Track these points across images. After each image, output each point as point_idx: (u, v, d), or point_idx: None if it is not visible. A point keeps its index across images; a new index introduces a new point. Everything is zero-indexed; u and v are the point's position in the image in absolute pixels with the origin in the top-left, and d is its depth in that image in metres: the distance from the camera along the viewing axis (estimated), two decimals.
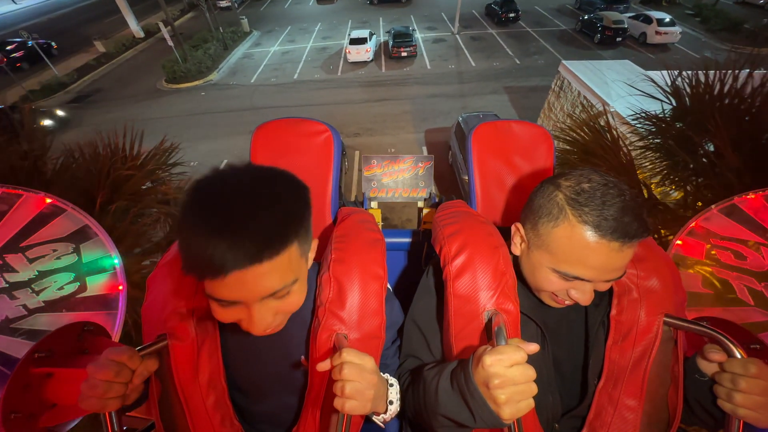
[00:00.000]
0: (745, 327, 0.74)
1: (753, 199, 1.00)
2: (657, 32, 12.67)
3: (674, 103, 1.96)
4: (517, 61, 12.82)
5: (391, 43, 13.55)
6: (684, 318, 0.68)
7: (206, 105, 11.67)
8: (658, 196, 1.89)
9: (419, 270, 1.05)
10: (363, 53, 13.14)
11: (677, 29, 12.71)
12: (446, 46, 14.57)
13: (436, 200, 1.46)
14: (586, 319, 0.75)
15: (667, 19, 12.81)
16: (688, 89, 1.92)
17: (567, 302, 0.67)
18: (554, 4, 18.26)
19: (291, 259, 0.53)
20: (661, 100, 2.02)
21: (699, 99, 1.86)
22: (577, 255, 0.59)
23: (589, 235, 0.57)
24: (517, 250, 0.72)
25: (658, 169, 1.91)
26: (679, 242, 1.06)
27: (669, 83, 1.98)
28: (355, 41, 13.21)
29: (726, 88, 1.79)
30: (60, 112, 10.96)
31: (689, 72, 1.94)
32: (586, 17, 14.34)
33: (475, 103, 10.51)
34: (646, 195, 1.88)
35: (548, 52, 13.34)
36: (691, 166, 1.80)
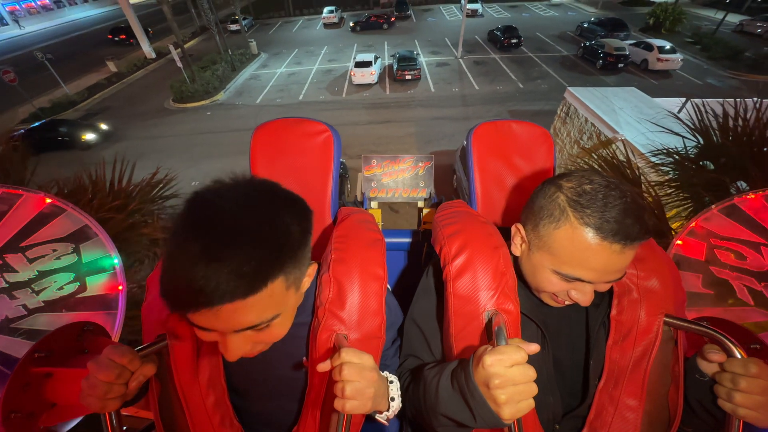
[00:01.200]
0: (745, 327, 0.74)
1: (753, 199, 1.00)
2: (659, 59, 12.89)
3: (701, 141, 1.81)
4: (521, 86, 13.05)
5: (395, 66, 13.90)
6: (684, 318, 0.69)
7: (211, 124, 11.84)
8: None
9: (419, 270, 1.06)
10: (368, 76, 13.46)
11: (678, 56, 12.95)
12: (450, 70, 14.90)
13: (436, 200, 1.46)
14: (587, 319, 0.75)
15: (668, 47, 13.08)
16: (714, 124, 1.77)
17: (567, 302, 0.68)
18: (555, 31, 18.81)
19: (273, 295, 0.50)
20: (684, 137, 1.88)
21: (732, 137, 1.70)
22: (578, 257, 0.60)
23: (591, 237, 0.57)
24: (517, 250, 0.73)
25: (678, 209, 1.75)
26: (679, 242, 1.05)
27: (693, 118, 1.83)
28: (360, 64, 13.54)
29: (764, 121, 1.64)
30: (104, 126, 11.17)
31: (710, 100, 1.79)
32: (587, 44, 14.71)
33: None
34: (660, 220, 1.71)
35: (551, 76, 13.58)
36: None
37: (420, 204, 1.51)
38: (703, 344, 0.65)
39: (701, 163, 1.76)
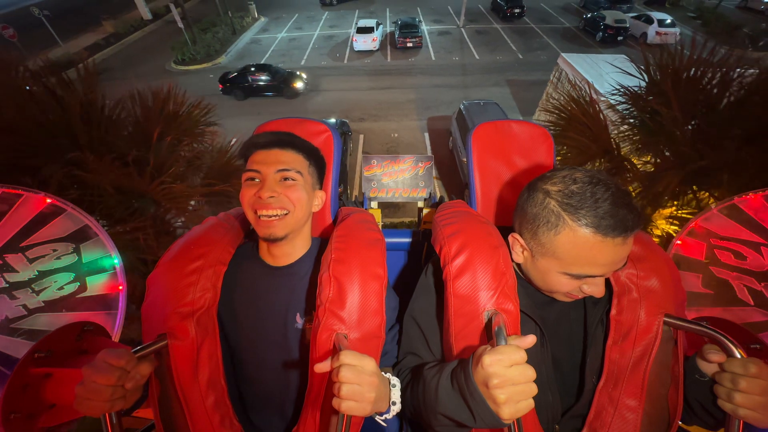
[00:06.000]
0: (745, 327, 0.74)
1: (753, 199, 0.99)
2: (657, 33, 12.80)
3: (646, 79, 2.15)
4: (520, 56, 12.85)
5: (397, 33, 13.56)
6: (684, 318, 0.68)
7: (214, 87, 11.87)
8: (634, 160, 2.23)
9: (419, 270, 1.04)
10: (369, 42, 13.18)
11: (676, 30, 12.75)
12: (451, 39, 14.54)
13: (436, 200, 1.47)
14: (585, 317, 0.75)
15: (668, 21, 12.79)
16: (654, 63, 2.09)
17: (580, 296, 0.67)
18: (560, 2, 18.04)
19: (297, 159, 0.79)
20: (635, 76, 2.32)
21: (663, 71, 2.19)
22: (584, 257, 0.60)
23: (592, 236, 0.58)
24: (519, 258, 0.72)
25: (630, 135, 2.17)
26: (679, 242, 1.05)
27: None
28: (362, 30, 13.24)
29: (686, 64, 1.95)
30: (304, 76, 11.16)
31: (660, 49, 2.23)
32: (589, 15, 14.28)
33: (478, 94, 10.57)
34: (615, 153, 2.25)
35: (551, 48, 13.34)
36: (651, 127, 2.15)
37: (420, 204, 1.52)
38: (703, 344, 0.64)
39: (648, 98, 2.27)
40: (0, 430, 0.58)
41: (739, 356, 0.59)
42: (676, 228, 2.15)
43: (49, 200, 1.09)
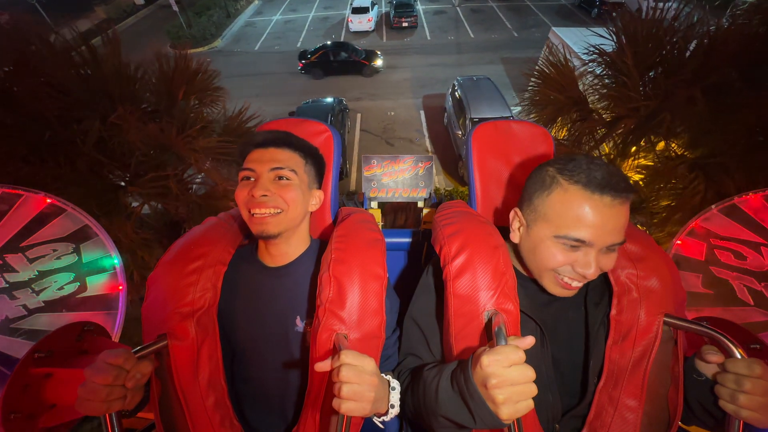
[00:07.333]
0: (745, 327, 0.73)
1: (753, 198, 0.98)
2: (651, 8, 12.98)
3: (615, 40, 2.31)
4: (515, 34, 12.65)
5: (392, 13, 13.31)
6: (684, 318, 0.67)
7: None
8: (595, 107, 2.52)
9: (419, 270, 1.03)
10: (365, 22, 13.01)
11: (672, 5, 12.98)
12: (446, 18, 14.26)
13: (436, 200, 1.46)
14: (586, 318, 0.73)
15: None
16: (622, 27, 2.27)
17: (573, 284, 0.65)
18: None
19: (293, 157, 0.77)
20: (605, 37, 2.51)
21: (624, 30, 2.47)
22: (573, 215, 0.60)
23: (581, 193, 0.59)
24: (516, 236, 0.71)
25: (598, 89, 2.39)
26: (679, 242, 1.04)
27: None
28: (357, 10, 13.01)
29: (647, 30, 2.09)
30: (379, 53, 11.16)
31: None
32: None
33: (472, 72, 10.37)
34: (584, 104, 2.55)
35: (546, 25, 13.06)
36: (610, 81, 2.43)
37: (420, 204, 1.51)
38: (703, 344, 0.63)
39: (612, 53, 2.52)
40: (0, 430, 0.57)
41: (739, 356, 0.58)
42: (642, 177, 2.48)
43: (49, 200, 1.07)
